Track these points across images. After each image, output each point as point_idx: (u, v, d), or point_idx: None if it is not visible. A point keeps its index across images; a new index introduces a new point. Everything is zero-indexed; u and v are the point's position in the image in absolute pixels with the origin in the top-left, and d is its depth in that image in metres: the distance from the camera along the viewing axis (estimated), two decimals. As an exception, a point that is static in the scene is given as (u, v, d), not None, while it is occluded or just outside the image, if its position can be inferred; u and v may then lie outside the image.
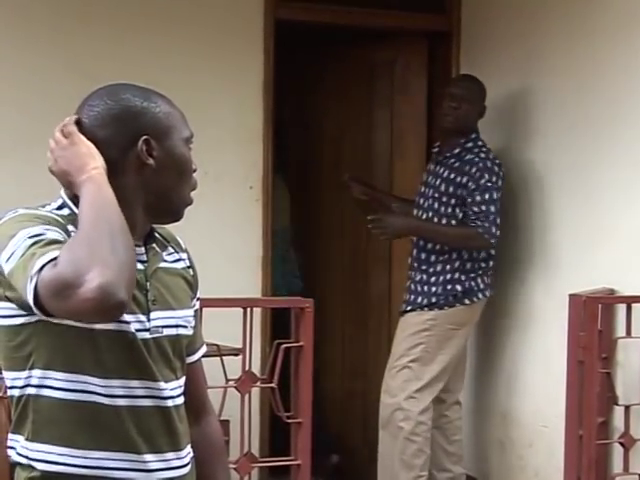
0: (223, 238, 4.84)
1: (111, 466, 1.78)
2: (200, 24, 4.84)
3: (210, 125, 4.72)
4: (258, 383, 3.77)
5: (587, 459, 3.75)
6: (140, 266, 1.84)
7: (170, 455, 1.85)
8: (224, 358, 3.57)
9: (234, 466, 3.57)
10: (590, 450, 3.75)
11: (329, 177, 5.44)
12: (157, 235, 1.93)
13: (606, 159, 4.25)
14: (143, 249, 1.87)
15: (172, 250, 1.96)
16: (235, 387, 3.65)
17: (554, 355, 4.26)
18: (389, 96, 4.98)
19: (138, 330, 1.81)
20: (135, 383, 1.80)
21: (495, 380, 4.89)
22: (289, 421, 3.73)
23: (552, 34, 4.57)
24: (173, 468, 1.86)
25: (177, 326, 1.89)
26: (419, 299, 4.52)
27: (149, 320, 1.83)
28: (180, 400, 1.89)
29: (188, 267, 1.98)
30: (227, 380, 3.62)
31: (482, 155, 4.50)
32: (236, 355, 3.71)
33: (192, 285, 1.98)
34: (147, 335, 1.82)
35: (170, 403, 1.85)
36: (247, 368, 3.68)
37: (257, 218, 4.93)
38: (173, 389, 1.87)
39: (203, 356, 2.04)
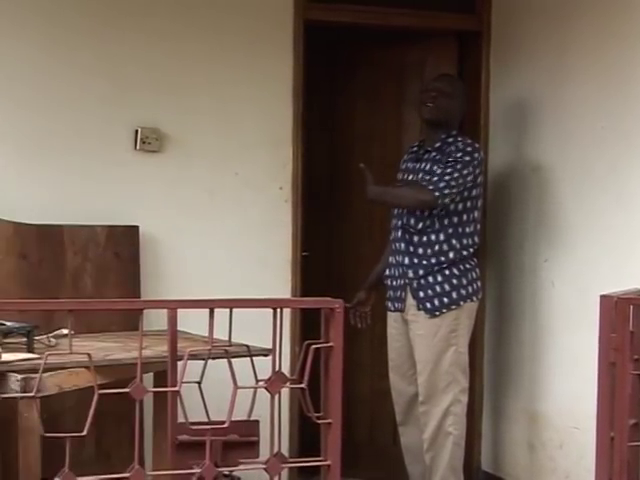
0: (253, 238, 4.85)
1: None
2: (229, 26, 4.86)
3: (240, 126, 4.74)
4: (288, 383, 3.78)
5: (618, 461, 3.72)
6: None
7: None
8: (254, 359, 3.58)
9: (264, 466, 3.57)
10: (622, 452, 3.72)
11: (358, 178, 5.44)
12: None
13: (639, 160, 4.22)
14: None
15: None
16: (265, 387, 3.65)
17: (585, 356, 4.23)
18: (419, 97, 4.96)
19: None
20: None
21: (524, 381, 4.88)
22: (319, 422, 3.73)
23: (584, 34, 4.54)
24: None
25: None
26: (445, 300, 4.52)
27: None
28: None
29: None
30: (257, 380, 3.62)
31: (461, 144, 4.52)
32: (266, 356, 3.71)
33: None
34: None
35: None
36: (277, 368, 3.68)
37: (287, 219, 4.95)
38: None
39: (233, 356, 2.05)
